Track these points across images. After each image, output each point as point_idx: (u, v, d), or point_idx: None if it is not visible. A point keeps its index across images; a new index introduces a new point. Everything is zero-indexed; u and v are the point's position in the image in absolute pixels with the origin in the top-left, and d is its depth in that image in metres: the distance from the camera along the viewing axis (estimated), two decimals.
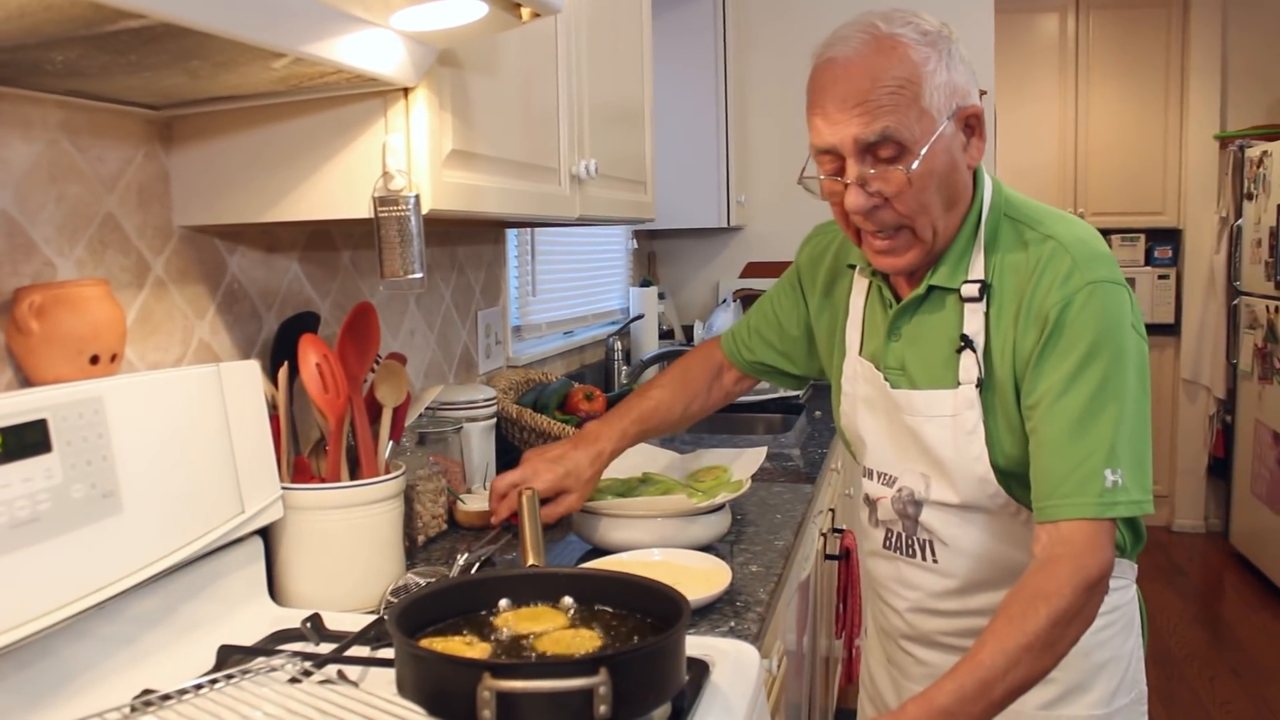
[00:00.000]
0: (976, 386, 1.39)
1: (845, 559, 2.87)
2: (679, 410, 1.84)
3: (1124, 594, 1.52)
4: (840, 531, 2.96)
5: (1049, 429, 1.32)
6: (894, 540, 1.55)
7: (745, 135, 4.25)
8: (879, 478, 1.56)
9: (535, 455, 1.73)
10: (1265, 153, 5.16)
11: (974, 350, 1.40)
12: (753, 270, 4.40)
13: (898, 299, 1.50)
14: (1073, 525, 1.29)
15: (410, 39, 1.32)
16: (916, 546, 1.52)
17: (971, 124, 1.38)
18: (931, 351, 1.45)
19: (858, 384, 1.57)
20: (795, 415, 3.32)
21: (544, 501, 1.67)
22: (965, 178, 1.40)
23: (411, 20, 1.26)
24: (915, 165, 1.31)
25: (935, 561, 1.49)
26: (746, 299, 4.20)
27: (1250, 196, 5.34)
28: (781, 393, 3.52)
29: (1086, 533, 1.28)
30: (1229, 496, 5.65)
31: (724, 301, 4.21)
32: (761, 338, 1.81)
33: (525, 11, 1.31)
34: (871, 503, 1.59)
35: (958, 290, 1.42)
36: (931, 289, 1.44)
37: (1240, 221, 5.47)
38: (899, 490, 1.51)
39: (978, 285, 1.40)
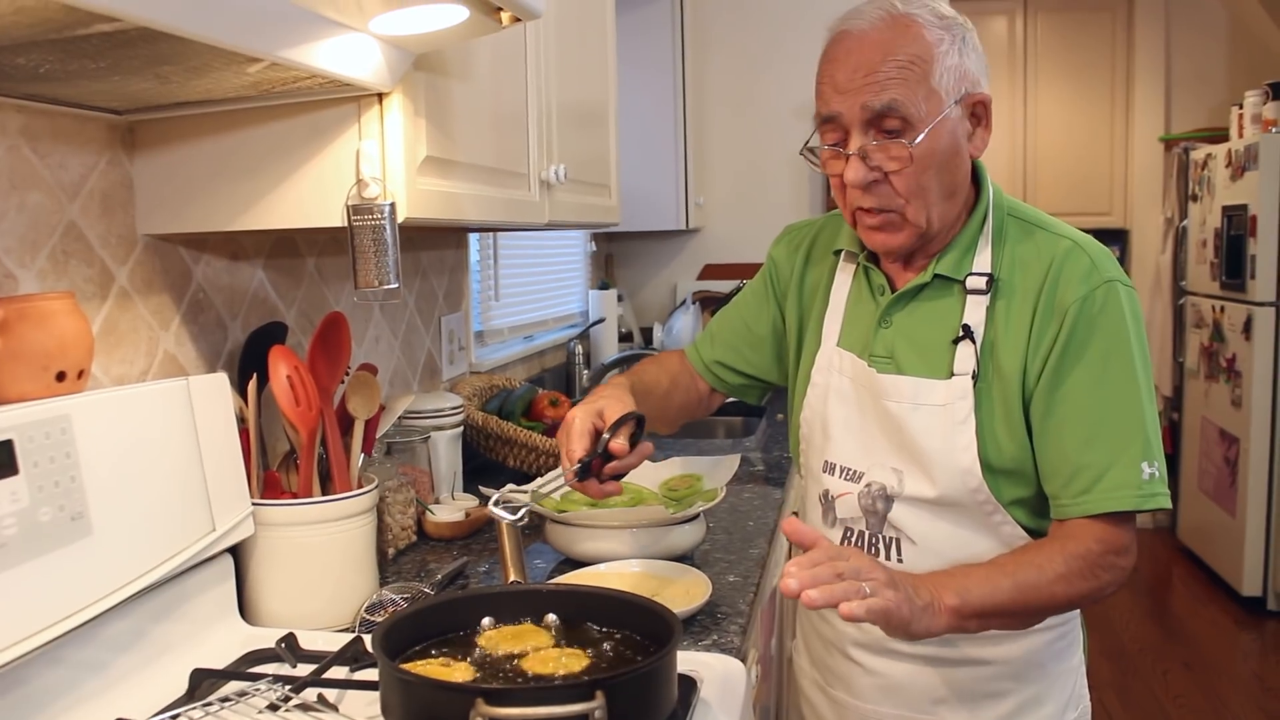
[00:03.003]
0: (972, 378, 1.38)
1: None
2: (665, 384, 1.72)
3: None
4: None
5: (1081, 423, 1.33)
6: (854, 539, 1.49)
7: (703, 137, 4.24)
8: (843, 473, 1.50)
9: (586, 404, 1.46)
10: (1209, 155, 5.24)
11: (973, 342, 1.39)
12: (711, 272, 4.40)
13: (892, 286, 1.48)
14: (1110, 518, 1.33)
15: (387, 44, 1.28)
16: (881, 545, 1.47)
17: (979, 113, 1.39)
18: (926, 341, 1.43)
19: (831, 374, 1.53)
20: (757, 418, 3.32)
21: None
22: (966, 166, 1.41)
23: (390, 25, 1.22)
24: (918, 141, 1.31)
25: (900, 561, 1.45)
26: (705, 301, 4.19)
27: (1195, 198, 5.42)
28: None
29: (1125, 526, 1.34)
30: (1176, 493, 5.73)
31: (683, 303, 4.20)
32: (726, 341, 1.75)
33: (505, 16, 1.28)
34: (829, 500, 1.52)
35: (961, 281, 1.41)
36: (935, 277, 1.43)
37: (1185, 223, 5.55)
38: (867, 485, 1.47)
39: (984, 278, 1.40)
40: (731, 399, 1.85)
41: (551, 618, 1.28)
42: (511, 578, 1.48)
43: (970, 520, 1.41)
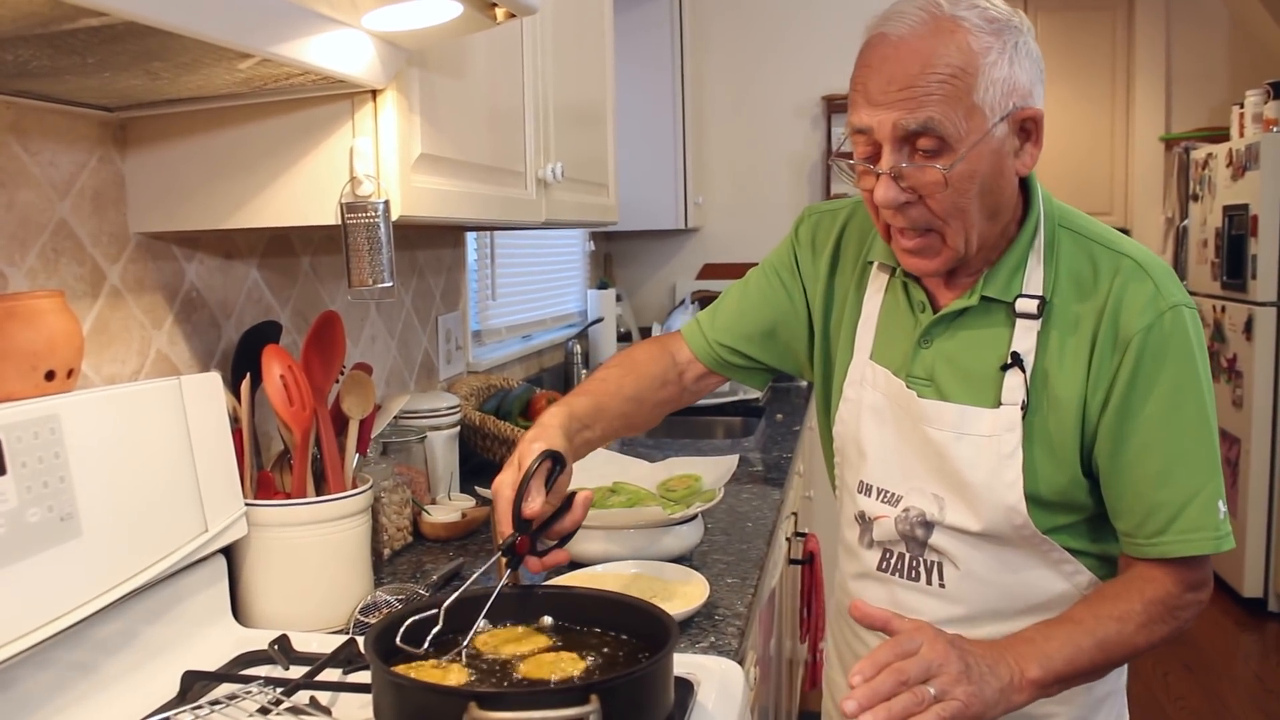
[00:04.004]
0: (1021, 409, 1.28)
1: (809, 563, 2.86)
2: (629, 386, 1.53)
3: None
4: (803, 535, 2.94)
5: (1153, 461, 1.25)
6: (893, 561, 1.41)
7: (702, 136, 4.23)
8: (879, 495, 1.42)
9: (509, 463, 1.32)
10: (1210, 155, 5.23)
11: (1022, 370, 1.28)
12: (710, 272, 4.38)
13: (933, 303, 1.38)
14: (1187, 562, 1.26)
15: (381, 40, 1.27)
16: (922, 569, 1.38)
17: (1028, 128, 1.25)
18: (971, 366, 1.33)
19: (864, 389, 1.44)
20: (756, 418, 3.30)
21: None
22: (1012, 186, 1.28)
23: (383, 20, 1.21)
24: (955, 165, 1.20)
25: (943, 586, 1.37)
26: (704, 300, 4.18)
27: (1196, 198, 5.41)
28: (741, 395, 3.50)
29: (1202, 563, 1.28)
30: None
31: (681, 303, 4.18)
32: (740, 330, 1.59)
33: (500, 12, 1.27)
34: (866, 522, 1.44)
35: (1010, 303, 1.31)
36: (982, 299, 1.32)
37: (1186, 222, 5.54)
38: (905, 510, 1.38)
39: (1036, 301, 1.29)
40: (711, 396, 1.74)
41: (547, 620, 1.26)
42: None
43: (1016, 549, 1.34)
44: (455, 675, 1.12)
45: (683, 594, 1.56)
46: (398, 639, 1.12)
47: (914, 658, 1.11)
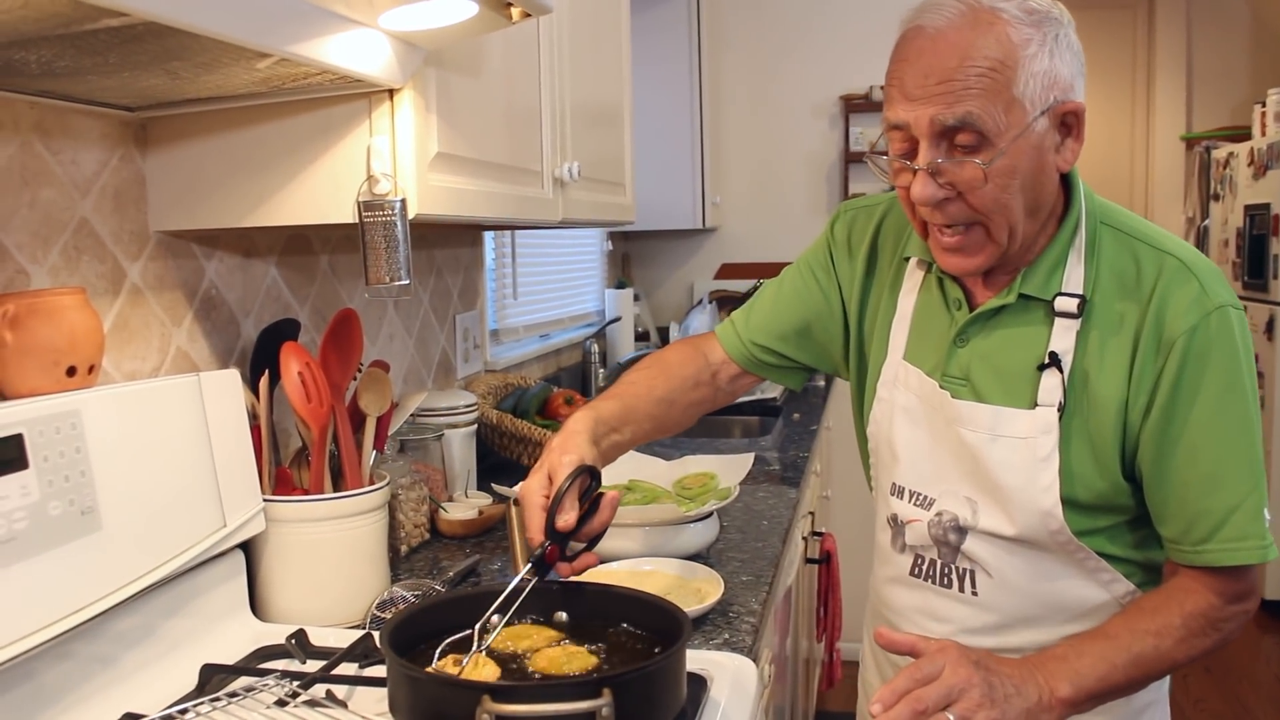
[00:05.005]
0: (1058, 410, 1.25)
1: (826, 563, 2.86)
2: (660, 388, 1.51)
3: None
4: (820, 535, 2.94)
5: (1198, 467, 1.21)
6: (924, 567, 1.39)
7: (720, 136, 4.23)
8: (912, 497, 1.39)
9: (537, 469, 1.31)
10: (1231, 154, 5.20)
11: (1060, 370, 1.25)
12: (728, 271, 4.38)
13: (969, 302, 1.35)
14: (1230, 572, 1.23)
15: (397, 39, 1.28)
16: (954, 576, 1.36)
17: (1069, 122, 1.24)
18: (1007, 366, 1.30)
19: (896, 390, 1.41)
20: (773, 418, 3.30)
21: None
22: (1053, 181, 1.25)
23: (400, 20, 1.22)
24: (995, 160, 1.17)
25: (975, 594, 1.35)
26: (722, 300, 4.19)
27: (1217, 198, 5.38)
28: (759, 394, 3.50)
29: (1246, 573, 1.25)
30: None
31: (699, 303, 4.19)
32: (774, 329, 1.56)
33: (515, 11, 1.28)
34: (899, 525, 1.42)
35: (1049, 302, 1.28)
36: (1020, 297, 1.29)
37: (1207, 222, 5.51)
38: (938, 514, 1.36)
39: (1075, 300, 1.25)
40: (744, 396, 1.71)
41: (562, 615, 1.27)
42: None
43: (1051, 556, 1.31)
44: (485, 668, 1.12)
45: (697, 591, 1.56)
46: (435, 658, 1.12)
47: (934, 684, 1.10)
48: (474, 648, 1.14)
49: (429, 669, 1.11)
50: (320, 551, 1.48)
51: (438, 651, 1.13)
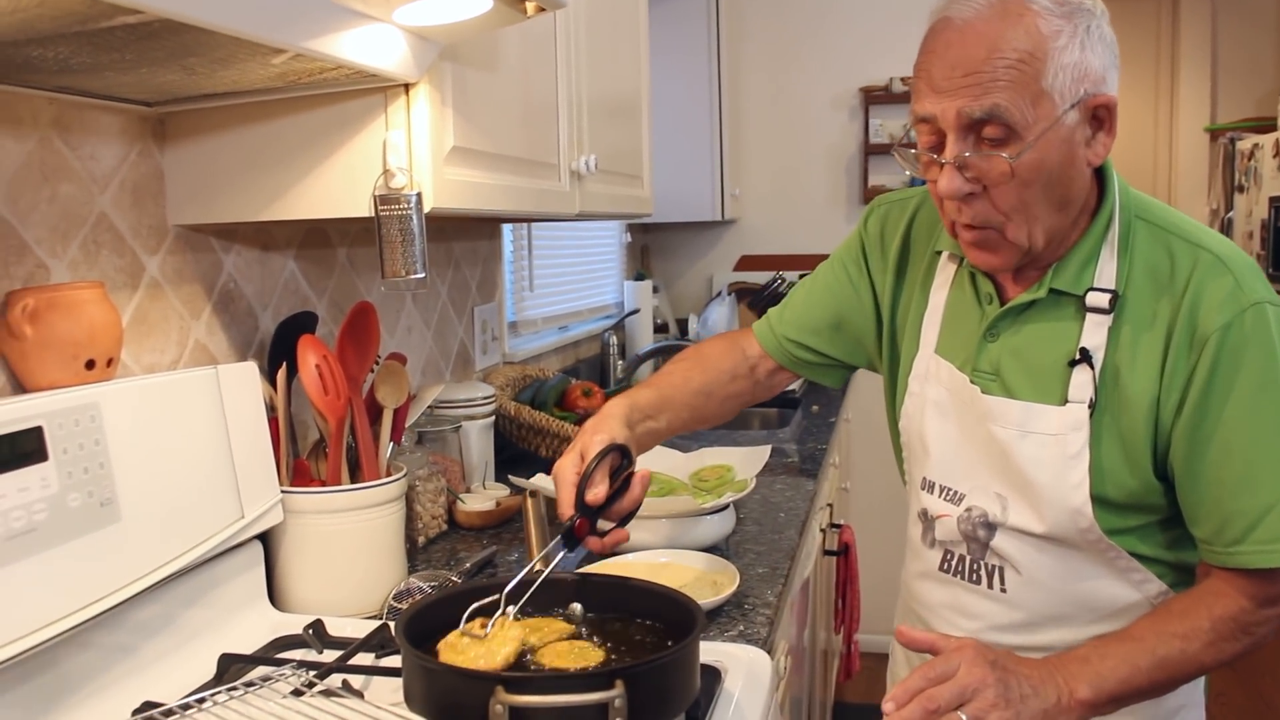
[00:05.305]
0: (1089, 407, 1.23)
1: (844, 555, 2.86)
2: (698, 379, 1.55)
3: None
4: (838, 527, 2.94)
5: (1230, 467, 1.19)
6: (954, 563, 1.38)
7: (739, 128, 4.23)
8: (942, 492, 1.38)
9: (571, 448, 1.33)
10: (1256, 145, 5.15)
11: (1091, 367, 1.23)
12: (747, 263, 4.38)
13: (1000, 296, 1.34)
14: (1265, 574, 1.19)
15: (412, 34, 1.29)
16: (983, 572, 1.35)
17: (1101, 116, 1.20)
18: (1038, 361, 1.29)
19: (927, 384, 1.40)
20: (792, 410, 3.30)
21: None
22: (1083, 176, 1.23)
23: (415, 15, 1.22)
24: (1023, 154, 1.15)
25: (1004, 591, 1.33)
26: (741, 292, 4.18)
27: (1241, 189, 5.33)
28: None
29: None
30: None
31: (718, 295, 4.18)
32: (807, 324, 1.56)
33: (530, 5, 1.28)
34: (929, 520, 1.41)
35: (1081, 297, 1.26)
36: (1050, 292, 1.28)
37: (1231, 214, 5.46)
38: (967, 510, 1.34)
39: (1108, 295, 1.23)
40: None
41: (577, 607, 1.28)
42: (537, 568, 1.48)
43: (1081, 555, 1.29)
44: (513, 633, 1.13)
45: (713, 583, 1.57)
46: (463, 620, 1.13)
47: (949, 683, 1.10)
48: (500, 611, 1.15)
49: (455, 633, 1.13)
50: (337, 542, 1.49)
51: (465, 615, 1.14)
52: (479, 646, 1.16)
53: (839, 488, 3.39)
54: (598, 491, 1.22)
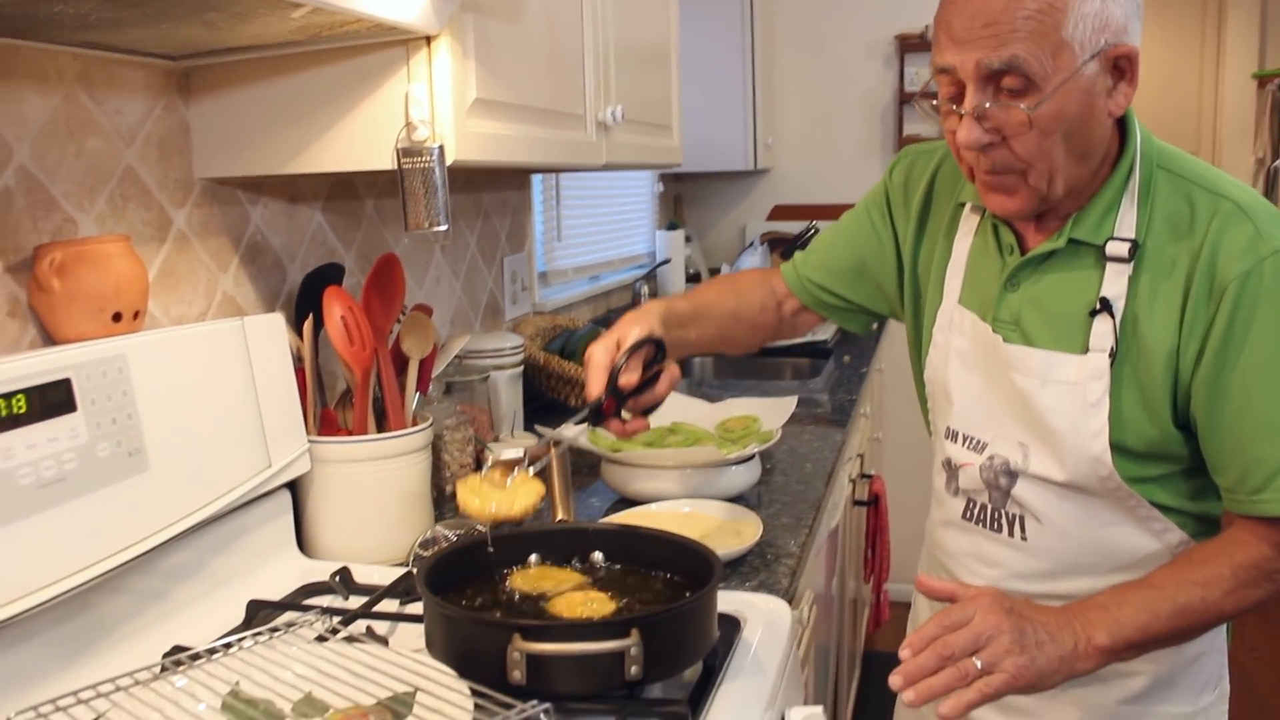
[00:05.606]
0: (1109, 356, 1.24)
1: (874, 505, 2.87)
2: (731, 302, 1.59)
3: None
4: (869, 477, 2.95)
5: (1251, 415, 1.18)
6: (976, 511, 1.40)
7: (772, 77, 4.18)
8: (965, 441, 1.40)
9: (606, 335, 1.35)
10: None
11: (1112, 316, 1.24)
12: (780, 213, 4.35)
13: (1021, 246, 1.34)
14: None
15: None
16: (1004, 521, 1.36)
17: (1122, 66, 1.19)
18: (1058, 311, 1.29)
19: (952, 335, 1.41)
20: (824, 360, 3.30)
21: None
22: (1104, 127, 1.23)
23: None
24: (1041, 104, 1.15)
25: (1025, 539, 1.35)
26: (774, 242, 4.16)
27: None
28: (810, 336, 3.49)
29: None
30: None
31: (751, 245, 4.17)
32: (829, 267, 1.59)
33: None
34: (953, 469, 1.42)
35: (1100, 246, 1.26)
36: (1070, 242, 1.28)
37: (1278, 163, 5.36)
38: (989, 458, 1.36)
39: (1128, 244, 1.23)
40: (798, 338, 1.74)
41: (598, 555, 1.30)
42: (559, 516, 1.50)
43: (1102, 503, 1.30)
44: (533, 488, 1.22)
45: (736, 532, 1.58)
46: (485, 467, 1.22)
47: (963, 630, 1.11)
48: (523, 465, 1.22)
49: (476, 477, 1.21)
50: (364, 491, 1.52)
51: (488, 463, 1.20)
52: (499, 494, 1.19)
53: (871, 438, 3.39)
54: (630, 377, 1.26)
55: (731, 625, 1.25)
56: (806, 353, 3.42)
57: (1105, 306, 1.24)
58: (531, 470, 1.19)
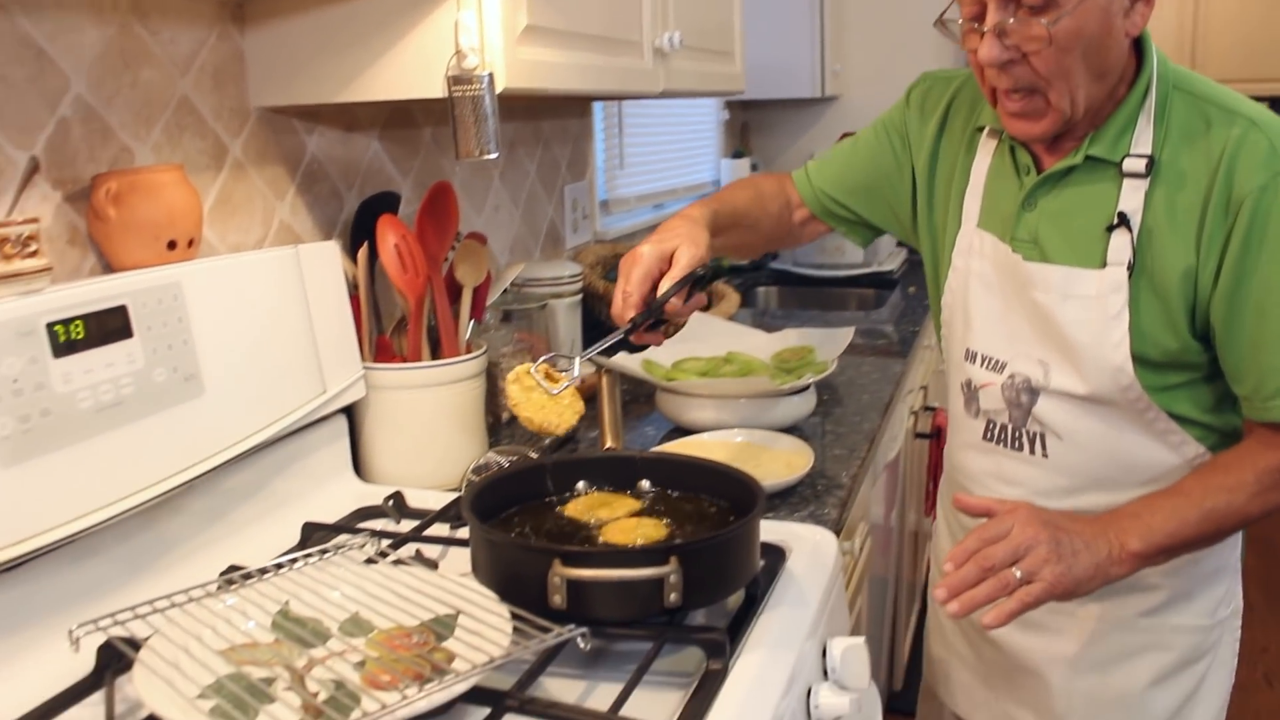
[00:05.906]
0: (1127, 270, 1.26)
1: (936, 438, 2.84)
2: (755, 212, 1.61)
3: None
4: (932, 409, 2.92)
5: (1268, 324, 1.21)
6: (996, 431, 1.43)
7: (841, 1, 4.09)
8: (985, 362, 1.42)
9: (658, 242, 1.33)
10: None
11: (1129, 230, 1.26)
12: None
13: (1038, 167, 1.36)
14: None
15: None
16: (1025, 439, 1.39)
17: None
18: (1076, 227, 1.31)
19: (971, 258, 1.43)
20: (889, 290, 3.27)
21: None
22: (1121, 46, 1.25)
23: None
24: (1060, 20, 1.17)
25: (1046, 456, 1.38)
26: None
27: None
28: (875, 267, 3.46)
29: None
30: None
31: None
32: (844, 180, 1.62)
33: None
34: (972, 390, 1.45)
35: (1118, 164, 1.28)
36: (1087, 159, 1.30)
37: None
38: (1010, 377, 1.38)
39: (1144, 160, 1.26)
40: (846, 268, 1.74)
41: (644, 484, 1.31)
42: (608, 444, 1.51)
43: (1121, 417, 1.32)
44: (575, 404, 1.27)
45: (787, 463, 1.58)
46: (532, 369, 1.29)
47: (1002, 542, 1.15)
48: (575, 377, 1.25)
49: (526, 368, 1.29)
50: (418, 417, 1.54)
51: (535, 364, 1.27)
52: (551, 402, 1.21)
53: (935, 370, 3.36)
54: (674, 304, 1.26)
55: (776, 555, 1.26)
56: (871, 283, 3.38)
57: (1123, 221, 1.27)
58: (572, 383, 1.23)
